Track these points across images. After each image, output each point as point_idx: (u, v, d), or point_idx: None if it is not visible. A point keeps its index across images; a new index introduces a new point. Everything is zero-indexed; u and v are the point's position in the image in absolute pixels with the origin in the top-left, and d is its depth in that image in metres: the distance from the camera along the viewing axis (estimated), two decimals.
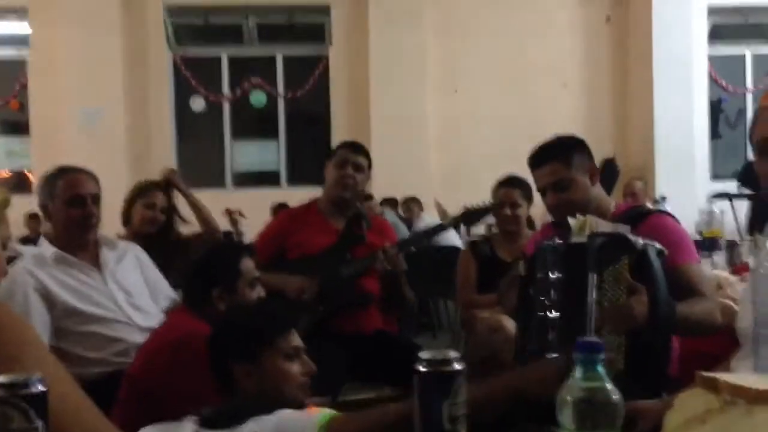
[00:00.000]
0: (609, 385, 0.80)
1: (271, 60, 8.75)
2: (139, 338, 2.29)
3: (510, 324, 2.45)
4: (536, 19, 8.41)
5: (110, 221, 3.10)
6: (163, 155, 8.45)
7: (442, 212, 6.59)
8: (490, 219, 3.40)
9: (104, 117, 7.84)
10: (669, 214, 2.24)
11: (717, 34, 8.84)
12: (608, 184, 7.46)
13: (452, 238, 5.86)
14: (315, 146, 8.44)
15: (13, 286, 2.31)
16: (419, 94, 8.19)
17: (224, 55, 8.71)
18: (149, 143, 8.41)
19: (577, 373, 0.80)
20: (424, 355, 1.00)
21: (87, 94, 7.82)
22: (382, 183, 7.74)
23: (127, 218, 3.19)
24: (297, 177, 8.54)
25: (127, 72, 8.12)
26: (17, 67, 8.45)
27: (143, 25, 8.30)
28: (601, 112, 8.59)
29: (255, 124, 8.95)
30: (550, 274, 2.05)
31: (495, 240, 3.32)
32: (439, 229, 3.24)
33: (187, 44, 8.65)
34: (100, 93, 7.85)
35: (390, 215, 6.38)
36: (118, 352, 2.36)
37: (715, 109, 8.97)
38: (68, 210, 2.43)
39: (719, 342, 2.00)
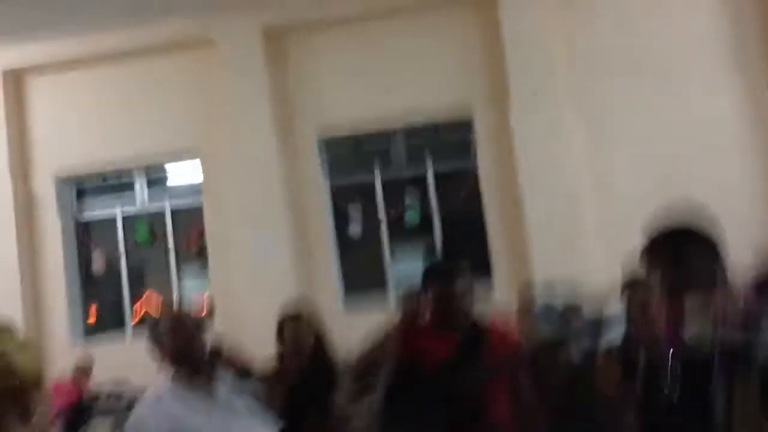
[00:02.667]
0: None
1: (421, 178, 9.00)
2: None
3: None
4: (692, 109, 8.08)
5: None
6: (329, 283, 8.83)
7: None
8: None
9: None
10: None
11: None
12: None
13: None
14: (474, 246, 8.50)
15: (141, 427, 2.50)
16: (572, 194, 8.05)
17: (375, 178, 9.09)
18: (316, 270, 8.84)
19: None
20: None
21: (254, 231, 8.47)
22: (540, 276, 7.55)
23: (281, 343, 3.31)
24: None
25: (289, 205, 8.73)
26: None
27: (300, 160, 8.93)
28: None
29: (412, 239, 9.09)
30: (665, 388, 1.89)
31: None
32: (565, 341, 3.09)
33: (340, 172, 9.15)
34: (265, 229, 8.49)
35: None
36: None
37: None
38: (174, 340, 2.63)
39: None
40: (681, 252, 1.95)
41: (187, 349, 2.61)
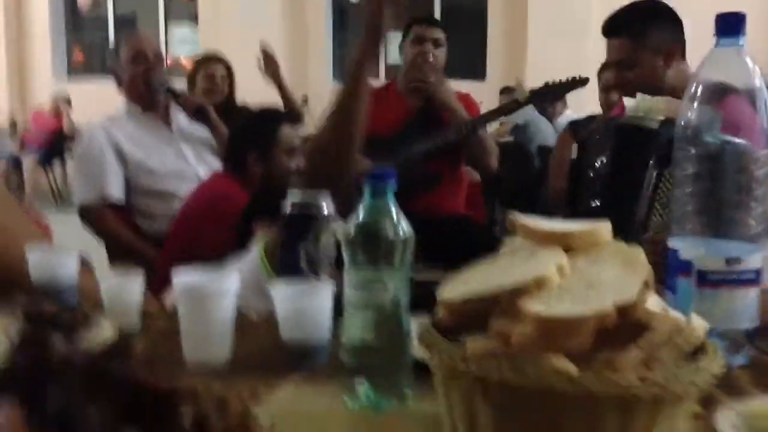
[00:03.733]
0: (396, 217, 0.71)
1: None
2: None
3: None
4: None
5: None
6: (320, 49, 8.65)
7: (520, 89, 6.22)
8: None
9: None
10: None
11: None
12: None
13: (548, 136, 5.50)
14: (471, 39, 8.22)
15: (90, 143, 2.48)
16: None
17: None
18: (307, 36, 8.60)
19: (365, 203, 0.71)
20: (292, 196, 0.94)
21: None
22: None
23: (191, 87, 3.23)
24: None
25: None
26: None
27: None
28: None
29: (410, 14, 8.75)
30: (598, 160, 1.85)
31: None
32: (514, 105, 2.96)
33: None
34: None
35: (530, 110, 6.07)
36: None
37: None
38: (132, 68, 2.53)
39: None
40: (637, 23, 1.89)
41: (144, 78, 2.53)
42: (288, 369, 0.82)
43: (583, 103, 6.14)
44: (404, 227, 0.71)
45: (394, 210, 0.71)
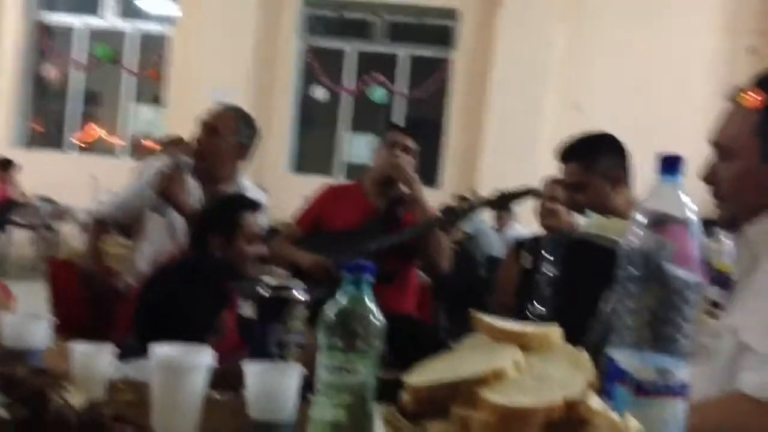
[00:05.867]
0: (371, 307, 0.78)
1: (395, 58, 8.91)
2: None
3: None
4: (672, 45, 8.06)
5: None
6: (281, 141, 8.82)
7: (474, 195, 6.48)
8: None
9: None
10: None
11: None
12: None
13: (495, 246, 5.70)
14: (428, 147, 8.49)
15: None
16: (537, 109, 8.07)
17: (349, 48, 8.96)
18: (269, 127, 8.76)
19: (345, 291, 0.79)
20: (267, 280, 1.01)
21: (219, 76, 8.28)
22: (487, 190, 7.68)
23: None
24: None
25: (257, 57, 8.52)
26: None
27: (278, 13, 8.69)
28: None
29: (372, 119, 9.11)
30: (551, 272, 1.94)
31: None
32: (468, 209, 3.09)
33: (317, 35, 8.98)
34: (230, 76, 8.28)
35: (480, 221, 6.30)
36: None
37: None
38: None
39: None
40: (589, 151, 2.06)
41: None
42: None
43: (531, 218, 6.38)
44: (378, 317, 0.79)
45: (370, 300, 0.78)
